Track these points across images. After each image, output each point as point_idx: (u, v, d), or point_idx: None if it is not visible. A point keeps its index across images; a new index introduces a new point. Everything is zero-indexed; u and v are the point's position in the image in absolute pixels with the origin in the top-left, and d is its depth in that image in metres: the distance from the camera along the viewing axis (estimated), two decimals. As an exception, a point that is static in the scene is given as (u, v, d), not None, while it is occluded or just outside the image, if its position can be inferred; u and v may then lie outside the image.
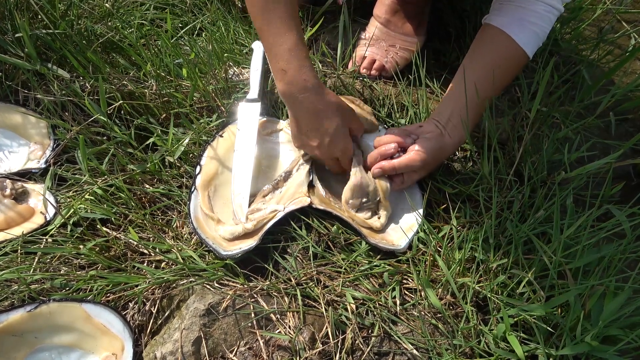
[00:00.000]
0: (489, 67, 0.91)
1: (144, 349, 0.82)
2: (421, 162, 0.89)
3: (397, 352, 0.79)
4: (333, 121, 0.88)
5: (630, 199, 0.90)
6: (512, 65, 0.93)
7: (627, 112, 1.15)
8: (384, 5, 1.16)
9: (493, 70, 0.90)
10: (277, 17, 0.83)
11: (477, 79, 0.90)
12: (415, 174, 0.92)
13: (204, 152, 0.98)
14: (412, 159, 0.89)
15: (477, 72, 0.91)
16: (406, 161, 0.89)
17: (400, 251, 0.89)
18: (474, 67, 0.92)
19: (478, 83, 0.90)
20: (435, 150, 0.90)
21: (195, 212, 0.91)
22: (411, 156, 0.89)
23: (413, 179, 0.93)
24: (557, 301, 0.74)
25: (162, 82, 1.09)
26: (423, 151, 0.88)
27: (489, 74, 0.90)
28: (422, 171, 0.92)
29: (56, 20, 1.11)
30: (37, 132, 1.08)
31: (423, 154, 0.88)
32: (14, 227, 0.94)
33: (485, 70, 0.91)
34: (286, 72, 0.84)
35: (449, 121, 0.91)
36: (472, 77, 0.91)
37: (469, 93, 0.90)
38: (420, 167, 0.90)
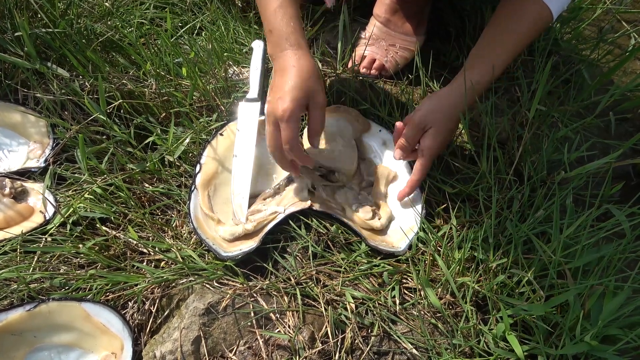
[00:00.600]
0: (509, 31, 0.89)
1: (144, 348, 0.82)
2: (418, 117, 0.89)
3: (397, 351, 0.79)
4: (292, 80, 0.83)
5: (630, 199, 0.90)
6: (535, 26, 0.90)
7: (627, 111, 1.15)
8: (383, 4, 1.16)
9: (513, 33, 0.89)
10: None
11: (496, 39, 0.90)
12: (428, 133, 0.89)
13: (203, 151, 0.98)
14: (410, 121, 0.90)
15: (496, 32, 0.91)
16: (408, 127, 0.90)
17: (400, 253, 0.89)
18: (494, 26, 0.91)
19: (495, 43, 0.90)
20: (427, 101, 0.90)
21: (195, 212, 0.91)
22: (409, 119, 0.90)
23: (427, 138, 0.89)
24: (557, 301, 0.74)
25: (162, 81, 1.09)
26: (417, 108, 0.90)
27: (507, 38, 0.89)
28: (428, 125, 0.89)
29: (56, 19, 1.11)
30: (36, 131, 1.08)
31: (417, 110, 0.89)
32: (14, 226, 0.94)
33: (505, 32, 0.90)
34: (272, 32, 0.87)
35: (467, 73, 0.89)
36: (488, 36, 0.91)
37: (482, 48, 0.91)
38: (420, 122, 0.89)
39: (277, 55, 0.87)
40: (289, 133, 0.83)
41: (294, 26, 0.87)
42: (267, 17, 0.88)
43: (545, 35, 1.14)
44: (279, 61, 0.87)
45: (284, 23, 0.86)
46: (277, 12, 0.86)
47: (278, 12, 0.86)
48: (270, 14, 0.87)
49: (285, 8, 0.87)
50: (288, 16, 0.86)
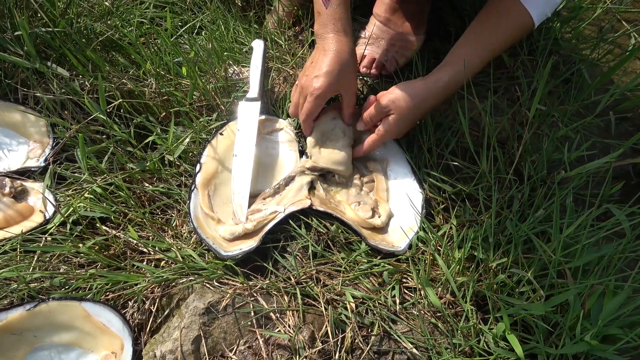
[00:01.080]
0: (488, 31, 0.92)
1: (144, 347, 0.82)
2: (385, 100, 0.92)
3: (397, 351, 0.79)
4: (333, 64, 0.91)
5: (630, 198, 0.90)
6: (515, 29, 0.92)
7: (627, 111, 1.15)
8: (383, 4, 1.16)
9: (492, 34, 0.92)
10: None
11: (471, 39, 0.93)
12: (390, 117, 0.93)
13: (204, 151, 0.98)
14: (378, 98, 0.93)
15: (472, 34, 0.93)
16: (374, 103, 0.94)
17: (400, 252, 0.89)
18: (474, 27, 0.94)
19: (471, 42, 0.92)
20: (401, 87, 0.92)
21: (195, 211, 0.91)
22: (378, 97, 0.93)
23: (388, 122, 0.93)
24: (557, 300, 0.74)
25: (162, 81, 1.09)
26: (388, 91, 0.93)
27: (486, 38, 0.92)
28: (393, 113, 0.93)
29: (55, 18, 1.11)
30: (36, 130, 1.08)
31: (387, 93, 0.92)
32: (14, 226, 0.94)
33: (483, 33, 0.92)
34: (320, 14, 0.92)
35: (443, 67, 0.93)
36: (468, 36, 0.93)
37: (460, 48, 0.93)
38: (386, 105, 0.92)
39: (322, 35, 0.93)
40: (311, 108, 0.93)
41: (341, 13, 0.92)
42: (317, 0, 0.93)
43: (545, 35, 1.14)
44: (323, 41, 0.93)
45: (333, 7, 0.91)
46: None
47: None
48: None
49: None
50: (338, 2, 0.91)
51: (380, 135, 0.94)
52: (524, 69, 1.11)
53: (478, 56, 0.91)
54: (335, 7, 0.91)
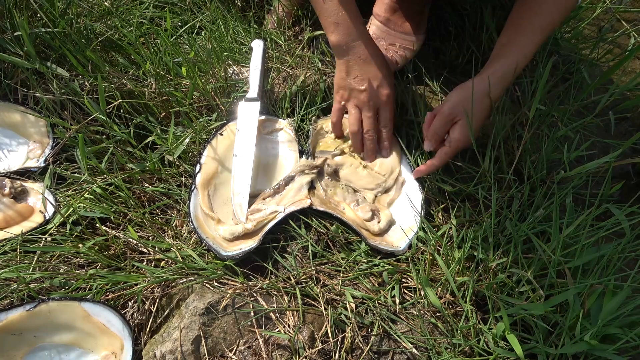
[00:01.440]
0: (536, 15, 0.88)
1: (144, 347, 0.82)
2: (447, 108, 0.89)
3: (397, 350, 0.79)
4: (383, 67, 0.93)
5: (630, 198, 0.90)
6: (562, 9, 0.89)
7: (627, 111, 1.15)
8: (383, 3, 1.16)
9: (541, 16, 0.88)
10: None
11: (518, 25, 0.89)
12: (456, 124, 0.90)
13: (203, 151, 0.98)
14: (439, 111, 0.90)
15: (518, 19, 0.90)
16: (437, 118, 0.90)
17: (400, 252, 0.89)
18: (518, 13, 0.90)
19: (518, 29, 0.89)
20: (455, 93, 0.89)
21: (195, 211, 0.91)
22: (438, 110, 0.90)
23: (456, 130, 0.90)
24: (557, 300, 0.74)
25: (162, 81, 1.09)
26: (446, 100, 0.90)
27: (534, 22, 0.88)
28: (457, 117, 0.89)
29: (55, 18, 1.11)
30: (36, 130, 1.08)
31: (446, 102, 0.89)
32: (13, 226, 0.94)
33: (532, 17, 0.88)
34: (339, 24, 0.91)
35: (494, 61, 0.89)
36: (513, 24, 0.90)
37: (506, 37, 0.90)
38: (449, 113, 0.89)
39: (350, 44, 0.92)
40: (392, 113, 0.97)
41: (361, 19, 0.93)
42: (330, 11, 0.91)
43: (545, 34, 1.14)
44: (354, 49, 0.92)
45: (352, 15, 0.91)
46: (344, 5, 0.90)
47: (345, 5, 0.90)
48: (335, 7, 0.90)
49: (351, 2, 0.91)
50: (354, 9, 0.92)
51: (452, 145, 0.90)
52: (524, 69, 1.11)
53: (526, 46, 0.88)
54: (354, 15, 0.91)
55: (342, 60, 0.94)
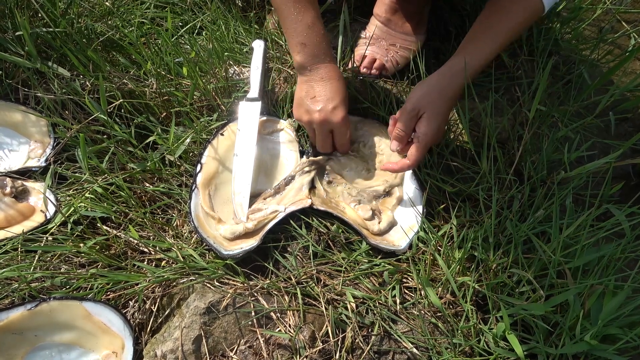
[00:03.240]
0: (499, 18, 0.90)
1: (145, 347, 0.83)
2: (410, 104, 0.89)
3: (397, 350, 0.79)
4: (341, 91, 0.92)
5: (630, 199, 0.91)
6: (526, 15, 0.90)
7: (627, 111, 1.15)
8: (384, 4, 1.16)
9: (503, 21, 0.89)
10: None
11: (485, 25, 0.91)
12: (422, 118, 0.89)
13: (204, 151, 0.98)
14: (402, 109, 0.90)
15: (484, 20, 0.91)
16: (400, 115, 0.90)
17: (401, 252, 0.89)
18: (485, 16, 0.92)
19: (484, 28, 0.91)
20: (418, 87, 0.89)
21: (196, 211, 0.91)
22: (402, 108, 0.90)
23: (422, 124, 0.89)
24: (557, 300, 0.74)
25: (163, 81, 1.09)
26: (409, 96, 0.90)
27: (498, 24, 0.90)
28: (421, 111, 0.89)
29: (56, 18, 1.11)
30: (37, 130, 1.08)
31: (409, 98, 0.89)
32: (15, 226, 0.95)
33: (495, 19, 0.90)
34: (306, 45, 0.91)
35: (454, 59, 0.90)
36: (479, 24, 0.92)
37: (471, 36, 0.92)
38: (413, 108, 0.89)
39: (314, 67, 0.92)
40: (346, 136, 0.96)
41: (327, 41, 0.93)
42: (298, 31, 0.91)
43: (545, 35, 1.14)
44: (318, 72, 0.92)
45: (320, 38, 0.91)
46: (312, 27, 0.90)
47: (314, 27, 0.91)
48: (304, 28, 0.90)
49: (319, 24, 0.92)
50: (322, 32, 0.92)
51: (420, 140, 0.88)
52: (524, 70, 1.11)
53: (491, 42, 0.89)
54: (321, 38, 0.91)
55: (303, 79, 0.94)
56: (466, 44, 0.92)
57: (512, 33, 0.91)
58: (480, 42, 0.90)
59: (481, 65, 0.90)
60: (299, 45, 0.91)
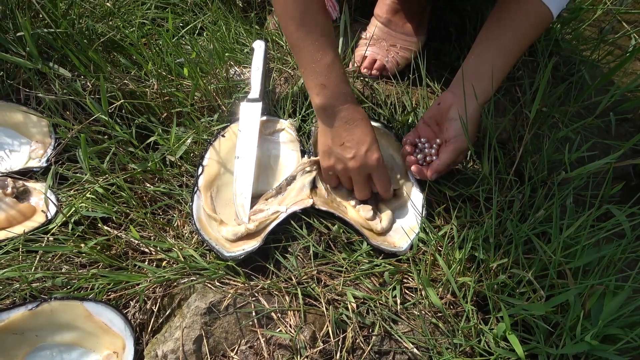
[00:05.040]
0: (512, 32, 0.87)
1: (145, 347, 0.83)
2: (466, 144, 0.87)
3: (398, 351, 0.79)
4: (370, 131, 0.88)
5: (630, 199, 0.91)
6: (536, 25, 0.88)
7: (627, 112, 1.15)
8: (384, 4, 1.16)
9: (517, 33, 0.87)
10: (315, 33, 0.84)
11: (500, 44, 0.88)
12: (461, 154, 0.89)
13: (206, 153, 0.98)
14: (456, 150, 0.87)
15: (500, 37, 0.88)
16: (452, 154, 0.87)
17: (402, 253, 0.89)
18: (496, 30, 0.89)
19: (501, 48, 0.87)
20: (468, 123, 0.86)
21: (197, 213, 0.91)
22: (455, 146, 0.87)
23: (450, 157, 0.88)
24: (557, 300, 0.74)
25: (164, 81, 1.09)
26: (460, 133, 0.86)
27: (512, 39, 0.87)
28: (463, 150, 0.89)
29: (57, 19, 1.11)
30: (38, 131, 1.08)
31: (463, 137, 0.86)
32: (16, 226, 0.95)
33: (509, 34, 0.87)
34: (326, 87, 0.86)
35: (465, 81, 0.86)
36: (495, 41, 0.89)
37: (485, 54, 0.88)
38: (467, 148, 0.88)
39: (336, 107, 0.87)
40: (387, 177, 0.92)
41: (347, 82, 0.88)
42: (317, 71, 0.86)
43: (545, 36, 1.15)
44: (340, 115, 0.87)
45: (340, 78, 0.87)
46: (332, 67, 0.86)
47: (333, 67, 0.86)
48: (323, 68, 0.86)
49: (339, 64, 0.87)
50: (342, 72, 0.87)
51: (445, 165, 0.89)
52: (525, 70, 1.11)
53: (502, 66, 0.87)
54: (341, 78, 0.87)
55: (326, 127, 0.89)
56: (478, 66, 0.88)
57: (522, 50, 0.89)
58: (497, 62, 0.87)
59: (498, 85, 0.88)
60: (318, 87, 0.87)
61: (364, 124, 0.88)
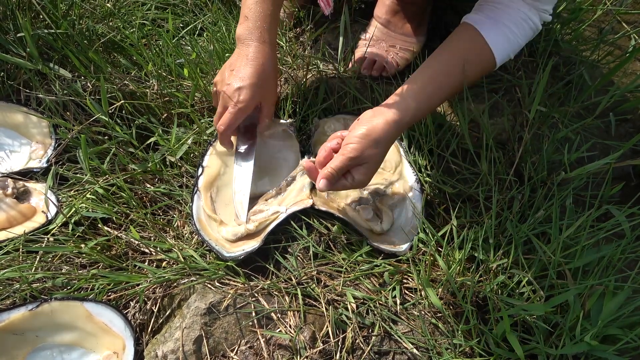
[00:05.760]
0: (452, 60, 0.88)
1: (145, 347, 0.83)
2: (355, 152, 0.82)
3: (397, 351, 0.79)
4: (253, 75, 0.89)
5: (630, 199, 0.91)
6: (476, 61, 0.89)
7: (627, 112, 1.15)
8: (384, 5, 1.16)
9: (456, 67, 0.87)
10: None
11: (434, 70, 0.88)
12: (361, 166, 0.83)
13: (206, 153, 0.98)
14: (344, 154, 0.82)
15: (435, 64, 0.89)
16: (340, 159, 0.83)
17: (402, 253, 0.89)
18: (435, 58, 0.90)
19: (434, 73, 0.88)
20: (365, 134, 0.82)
21: (198, 214, 0.91)
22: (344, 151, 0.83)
23: (360, 172, 0.83)
24: (557, 301, 0.74)
25: (164, 82, 1.10)
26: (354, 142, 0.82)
27: (451, 70, 0.87)
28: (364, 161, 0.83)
29: (58, 20, 1.11)
30: (38, 131, 1.08)
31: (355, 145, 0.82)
32: (16, 226, 0.95)
33: (446, 62, 0.88)
34: (247, 19, 0.92)
35: (388, 99, 0.87)
36: (429, 67, 0.89)
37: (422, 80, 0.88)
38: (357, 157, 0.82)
39: (246, 42, 0.92)
40: (232, 120, 0.90)
41: (269, 22, 0.92)
42: (248, 4, 0.92)
43: (545, 36, 1.15)
44: (246, 48, 0.92)
45: (262, 17, 0.91)
46: (259, 5, 0.91)
47: (261, 6, 0.91)
48: (252, 3, 0.92)
49: (267, 6, 0.91)
50: (268, 13, 0.91)
51: (355, 184, 0.84)
52: (524, 70, 1.11)
53: (438, 98, 0.88)
54: (265, 16, 0.91)
55: (235, 51, 0.94)
56: (415, 92, 0.87)
57: (460, 87, 0.90)
58: (431, 92, 0.87)
59: (424, 116, 0.89)
60: (242, 17, 0.93)
61: (256, 65, 0.90)
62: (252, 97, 0.89)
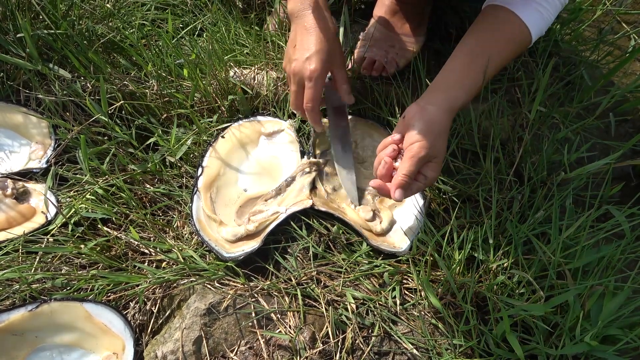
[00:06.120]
0: (489, 45, 0.86)
1: (145, 348, 0.83)
2: (425, 150, 0.78)
3: (397, 351, 0.79)
4: (320, 42, 0.88)
5: (630, 200, 0.91)
6: (514, 42, 0.87)
7: (627, 112, 1.15)
8: (383, 5, 1.16)
9: (493, 48, 0.85)
10: None
11: (474, 55, 0.86)
12: (431, 163, 0.81)
13: (205, 153, 0.98)
14: (413, 156, 0.79)
15: (474, 46, 0.87)
16: (410, 162, 0.79)
17: (402, 253, 0.89)
18: (473, 38, 0.87)
19: (475, 59, 0.85)
20: (426, 129, 0.79)
21: (197, 214, 0.91)
22: (411, 153, 0.79)
23: (431, 169, 0.81)
24: (557, 301, 0.74)
25: (163, 83, 1.10)
26: (418, 139, 0.79)
27: (488, 52, 0.84)
28: (433, 157, 0.80)
29: (57, 20, 1.11)
30: (38, 132, 1.08)
31: (421, 143, 0.79)
32: (15, 227, 0.95)
33: (485, 47, 0.86)
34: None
35: (429, 92, 0.85)
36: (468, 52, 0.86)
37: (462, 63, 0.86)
38: (427, 155, 0.79)
39: (300, 13, 0.90)
40: (314, 92, 0.89)
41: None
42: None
43: (545, 36, 1.15)
44: (302, 19, 0.90)
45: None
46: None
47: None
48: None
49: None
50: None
51: (428, 182, 0.81)
52: (524, 71, 1.11)
53: (482, 77, 0.85)
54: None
55: (292, 28, 0.92)
56: (462, 75, 0.85)
57: (503, 64, 0.88)
58: (472, 73, 0.84)
59: (471, 99, 0.86)
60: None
61: (318, 33, 0.88)
62: (322, 63, 0.88)
